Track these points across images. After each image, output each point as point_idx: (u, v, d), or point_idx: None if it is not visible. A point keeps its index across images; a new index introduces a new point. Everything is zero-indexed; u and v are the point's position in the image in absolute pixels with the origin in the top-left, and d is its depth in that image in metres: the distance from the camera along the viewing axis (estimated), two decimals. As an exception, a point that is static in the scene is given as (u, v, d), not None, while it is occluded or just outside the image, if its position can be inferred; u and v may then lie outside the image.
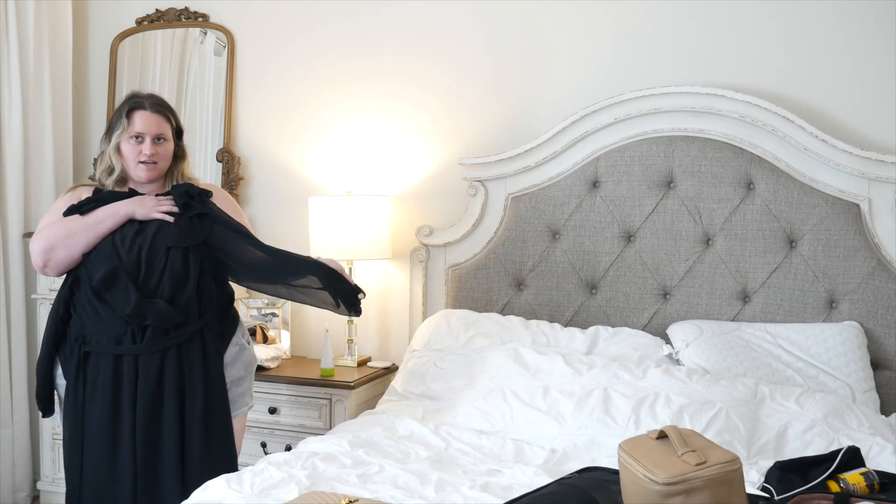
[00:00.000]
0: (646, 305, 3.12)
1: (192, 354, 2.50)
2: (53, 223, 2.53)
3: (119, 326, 2.46)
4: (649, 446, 1.77)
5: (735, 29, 3.14)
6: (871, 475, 2.09)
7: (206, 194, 2.61)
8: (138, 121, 2.55)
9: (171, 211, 2.52)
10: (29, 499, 3.75)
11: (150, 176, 2.58)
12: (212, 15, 3.82)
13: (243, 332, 2.73)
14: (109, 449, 2.46)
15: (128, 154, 2.56)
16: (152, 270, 2.47)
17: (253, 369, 2.75)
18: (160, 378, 2.46)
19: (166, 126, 2.60)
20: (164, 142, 2.59)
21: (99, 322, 2.47)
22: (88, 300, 2.48)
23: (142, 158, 2.55)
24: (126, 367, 2.46)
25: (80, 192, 2.61)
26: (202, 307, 2.53)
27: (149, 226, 2.51)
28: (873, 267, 2.90)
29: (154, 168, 2.58)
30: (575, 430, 2.57)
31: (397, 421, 2.72)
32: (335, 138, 3.64)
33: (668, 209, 3.10)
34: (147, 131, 2.55)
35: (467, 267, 3.32)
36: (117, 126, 2.57)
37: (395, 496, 2.09)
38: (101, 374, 2.46)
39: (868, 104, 3.01)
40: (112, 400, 2.45)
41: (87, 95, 4.03)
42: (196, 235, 2.52)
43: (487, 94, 3.43)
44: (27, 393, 3.72)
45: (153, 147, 2.56)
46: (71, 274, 2.53)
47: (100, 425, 2.46)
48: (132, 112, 2.57)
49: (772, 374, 2.79)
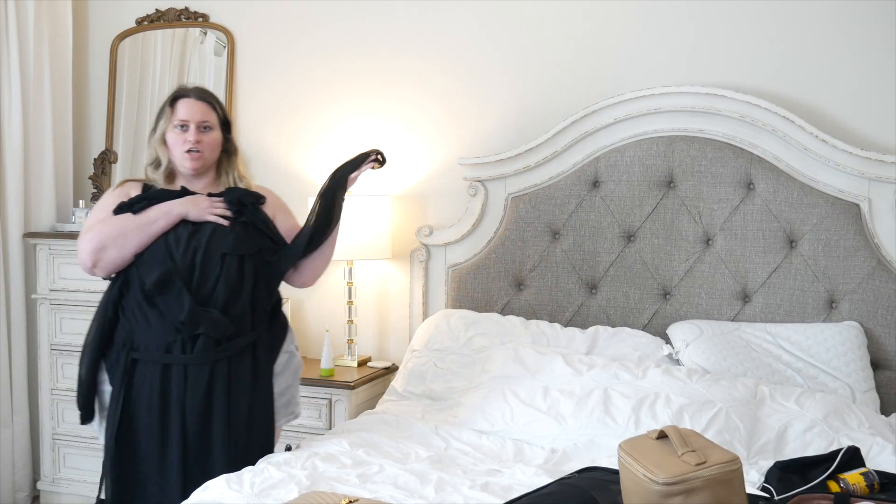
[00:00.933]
0: (646, 305, 3.12)
1: (242, 368, 2.42)
2: (104, 221, 2.43)
3: (169, 334, 2.37)
4: (649, 446, 1.77)
5: (735, 29, 3.14)
6: (871, 475, 2.09)
7: (259, 201, 2.55)
8: (182, 108, 2.49)
9: (224, 214, 2.45)
10: (29, 499, 3.75)
11: (195, 166, 2.50)
12: (212, 15, 3.82)
13: (292, 338, 2.64)
14: (158, 459, 2.38)
15: (173, 143, 2.49)
16: (207, 276, 2.39)
17: (299, 375, 2.67)
18: (209, 390, 2.38)
19: (212, 114, 2.52)
20: (210, 130, 2.51)
21: (148, 328, 2.38)
22: (139, 304, 2.39)
23: (186, 147, 2.47)
24: (175, 378, 2.37)
25: (129, 189, 2.52)
26: (255, 319, 2.46)
27: (203, 228, 2.42)
28: (873, 267, 2.90)
29: (199, 157, 2.49)
30: (575, 430, 2.57)
31: (397, 421, 2.72)
32: (335, 138, 3.65)
33: (668, 209, 3.10)
34: (191, 118, 2.48)
35: (467, 267, 3.32)
36: (162, 116, 2.51)
37: (395, 496, 2.09)
38: (148, 383, 2.38)
39: (868, 104, 3.01)
40: (160, 410, 2.37)
41: (87, 95, 4.03)
42: (252, 243, 2.45)
43: (487, 94, 3.44)
44: (27, 393, 3.72)
45: (198, 134, 2.48)
46: (120, 275, 2.44)
47: (148, 435, 2.38)
48: (176, 101, 2.51)
49: (772, 374, 2.79)
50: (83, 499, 3.67)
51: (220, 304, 2.39)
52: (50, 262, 3.63)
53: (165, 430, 2.38)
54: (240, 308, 2.41)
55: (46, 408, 3.66)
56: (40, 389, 3.67)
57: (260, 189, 2.63)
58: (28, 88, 3.69)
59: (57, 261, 3.61)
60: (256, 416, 2.46)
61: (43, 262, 3.64)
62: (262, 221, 2.52)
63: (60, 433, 3.65)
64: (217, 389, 2.39)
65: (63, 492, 3.68)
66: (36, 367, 3.68)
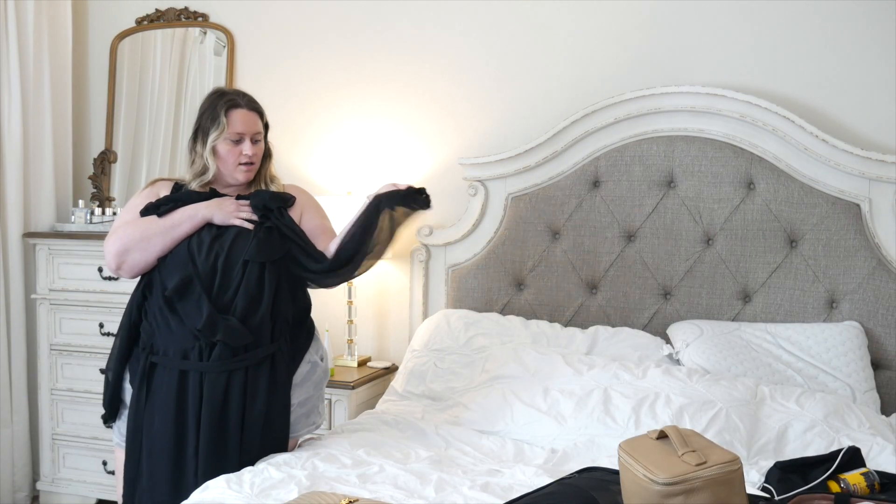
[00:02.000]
0: (646, 305, 3.12)
1: (260, 379, 2.38)
2: (129, 223, 2.43)
3: (188, 340, 2.35)
4: (649, 446, 1.77)
5: (735, 29, 3.14)
6: (872, 475, 2.09)
7: (286, 204, 2.49)
8: (238, 120, 2.43)
9: (250, 218, 2.41)
10: (29, 499, 3.75)
11: (248, 177, 2.48)
12: (212, 15, 3.82)
13: (318, 347, 2.58)
14: (172, 465, 2.36)
15: (226, 156, 2.44)
16: (227, 283, 2.36)
17: (323, 386, 2.60)
18: (225, 398, 2.35)
19: (261, 124, 2.49)
20: (260, 141, 2.49)
21: (168, 333, 2.37)
22: (160, 308, 2.38)
23: (242, 160, 2.44)
24: (191, 384, 2.35)
25: (160, 189, 2.50)
26: (276, 330, 2.42)
27: (227, 232, 2.39)
28: (873, 267, 2.90)
29: (252, 169, 2.47)
30: (575, 430, 2.56)
31: (397, 421, 2.72)
32: (335, 138, 3.64)
33: (668, 209, 3.10)
34: (247, 131, 2.44)
35: (467, 267, 3.32)
36: (214, 127, 2.43)
37: (395, 496, 2.09)
38: (164, 388, 2.37)
39: (868, 104, 3.01)
40: (176, 416, 2.35)
41: (87, 95, 4.03)
42: (274, 249, 2.40)
43: (487, 94, 3.43)
44: (27, 393, 3.72)
45: (253, 147, 2.45)
46: (144, 277, 2.43)
47: (162, 441, 2.36)
48: (230, 111, 2.43)
49: (772, 374, 2.78)
50: (82, 499, 3.67)
51: (239, 313, 2.35)
52: (49, 261, 3.62)
53: (181, 435, 2.36)
54: (259, 318, 2.37)
55: (46, 408, 3.65)
56: (40, 389, 3.66)
57: (290, 188, 2.60)
58: (28, 88, 3.69)
59: (56, 261, 3.61)
60: (272, 426, 2.43)
61: (42, 262, 3.63)
62: (288, 226, 2.46)
63: (60, 433, 3.64)
64: (233, 399, 2.36)
65: (62, 492, 3.68)
66: (35, 367, 3.68)
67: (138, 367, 2.40)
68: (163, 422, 2.36)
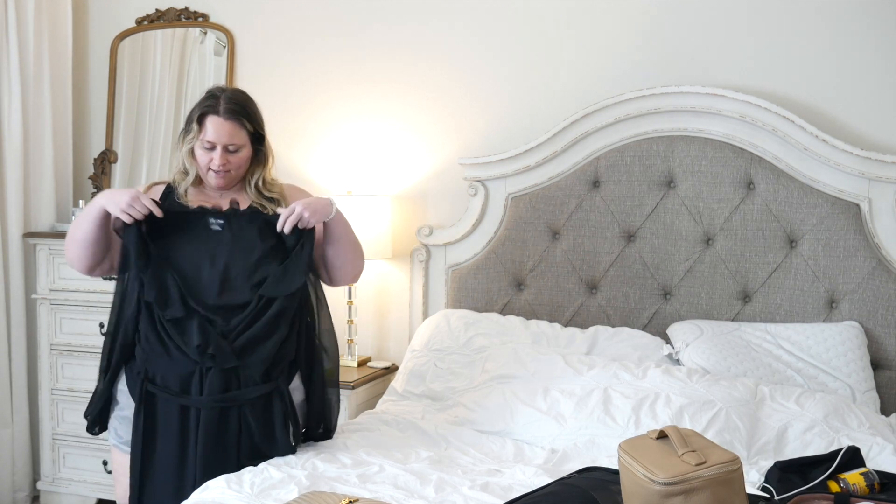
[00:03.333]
0: (646, 305, 3.12)
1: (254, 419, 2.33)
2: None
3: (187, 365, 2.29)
4: (649, 446, 1.77)
5: (735, 29, 3.14)
6: (872, 475, 2.09)
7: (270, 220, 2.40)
8: (210, 128, 2.36)
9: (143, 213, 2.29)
10: (29, 499, 3.75)
11: (220, 184, 2.42)
12: (212, 15, 3.82)
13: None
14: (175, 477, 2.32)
15: (200, 160, 2.40)
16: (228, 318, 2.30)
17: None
18: (221, 434, 2.30)
19: (240, 134, 2.38)
20: (237, 151, 2.39)
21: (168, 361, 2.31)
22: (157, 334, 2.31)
23: (213, 167, 2.39)
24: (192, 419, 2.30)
25: (152, 194, 2.43)
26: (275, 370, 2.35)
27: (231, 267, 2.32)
28: (873, 267, 2.90)
29: (225, 176, 2.41)
30: (575, 430, 2.57)
31: (397, 421, 2.72)
32: (335, 138, 3.64)
33: (668, 209, 3.10)
34: (217, 140, 2.36)
35: (467, 267, 3.32)
36: (189, 131, 2.40)
37: (395, 496, 2.09)
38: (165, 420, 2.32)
39: (868, 104, 3.01)
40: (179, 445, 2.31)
41: (87, 95, 4.03)
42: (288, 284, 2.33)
43: (487, 94, 3.43)
44: (27, 393, 3.72)
45: (224, 156, 2.37)
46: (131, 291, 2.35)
47: (166, 464, 2.32)
48: (205, 118, 2.37)
49: (772, 375, 2.79)
50: (83, 499, 3.67)
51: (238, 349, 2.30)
52: (50, 261, 3.63)
53: (183, 463, 2.33)
54: (255, 357, 2.31)
55: (46, 408, 3.65)
56: (40, 389, 3.66)
57: (290, 188, 2.57)
58: (28, 88, 3.69)
59: (57, 261, 3.61)
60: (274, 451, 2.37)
61: (43, 262, 3.64)
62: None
63: (60, 433, 3.65)
64: (229, 436, 2.32)
65: (63, 492, 3.68)
66: (36, 367, 3.68)
67: (136, 389, 2.34)
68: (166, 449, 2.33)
